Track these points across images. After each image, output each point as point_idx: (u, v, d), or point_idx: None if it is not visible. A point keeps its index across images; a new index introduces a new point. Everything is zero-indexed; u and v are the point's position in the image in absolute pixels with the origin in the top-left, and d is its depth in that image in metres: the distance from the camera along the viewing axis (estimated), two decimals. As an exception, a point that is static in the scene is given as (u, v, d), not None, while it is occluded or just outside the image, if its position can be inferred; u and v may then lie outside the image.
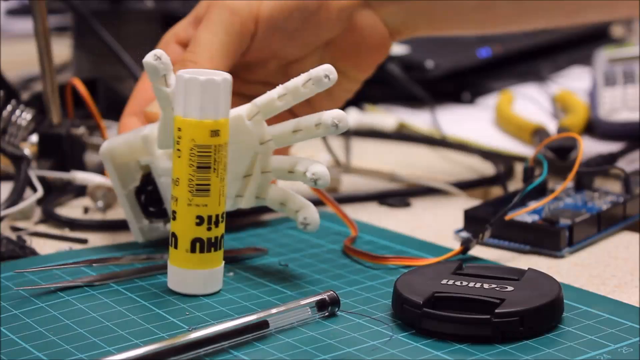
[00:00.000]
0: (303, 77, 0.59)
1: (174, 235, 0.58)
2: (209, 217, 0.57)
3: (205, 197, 0.57)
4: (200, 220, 0.57)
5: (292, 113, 0.67)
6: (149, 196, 0.65)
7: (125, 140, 0.64)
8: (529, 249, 0.66)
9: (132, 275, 0.61)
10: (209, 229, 0.58)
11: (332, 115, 0.59)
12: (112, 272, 0.61)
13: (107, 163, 0.64)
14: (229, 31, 0.67)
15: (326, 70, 0.58)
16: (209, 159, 0.57)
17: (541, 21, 0.80)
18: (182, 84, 0.56)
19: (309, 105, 0.69)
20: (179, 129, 0.57)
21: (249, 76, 0.72)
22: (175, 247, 0.58)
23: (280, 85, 0.59)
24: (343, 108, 0.70)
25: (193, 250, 0.58)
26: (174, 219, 0.58)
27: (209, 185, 0.57)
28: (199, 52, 0.66)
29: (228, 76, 0.57)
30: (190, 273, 0.58)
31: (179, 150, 0.57)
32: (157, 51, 0.57)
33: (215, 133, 0.56)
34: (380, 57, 0.76)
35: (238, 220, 0.73)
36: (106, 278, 0.60)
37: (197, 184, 0.57)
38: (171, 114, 0.58)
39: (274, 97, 0.59)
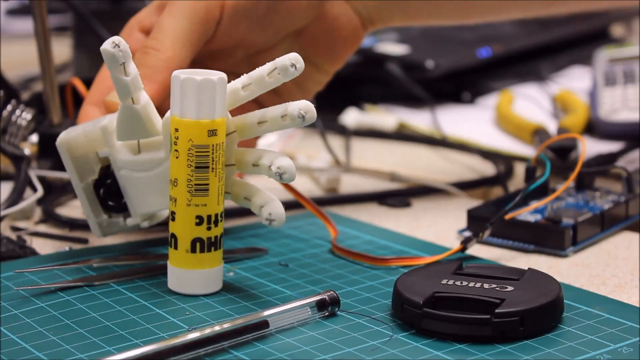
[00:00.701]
0: (268, 66, 0.57)
1: (173, 236, 0.58)
2: (209, 217, 0.57)
3: (204, 197, 0.57)
4: (199, 220, 0.57)
5: (259, 104, 0.65)
6: (107, 190, 0.63)
7: (84, 130, 0.62)
8: (533, 248, 0.66)
9: (132, 275, 0.61)
10: (209, 228, 0.57)
11: (299, 106, 0.56)
12: (112, 272, 0.61)
13: (64, 154, 0.62)
14: (193, 18, 0.65)
15: (292, 59, 0.56)
16: (207, 159, 0.56)
17: (519, 11, 0.78)
18: (178, 84, 0.56)
19: (278, 97, 0.68)
20: (176, 130, 0.56)
21: (214, 65, 0.69)
22: (175, 247, 0.58)
23: (245, 75, 0.58)
24: (315, 100, 0.69)
25: (193, 250, 0.58)
26: (173, 219, 0.58)
27: (207, 185, 0.57)
28: (160, 39, 0.64)
29: (224, 75, 0.57)
30: (191, 273, 0.58)
31: (176, 151, 0.57)
32: (115, 38, 0.55)
33: (212, 132, 0.56)
34: (352, 48, 0.74)
35: (238, 220, 0.74)
36: (106, 278, 0.60)
37: (196, 184, 0.57)
38: (130, 104, 0.57)
39: (238, 87, 0.58)
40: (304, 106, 0.56)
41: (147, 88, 0.60)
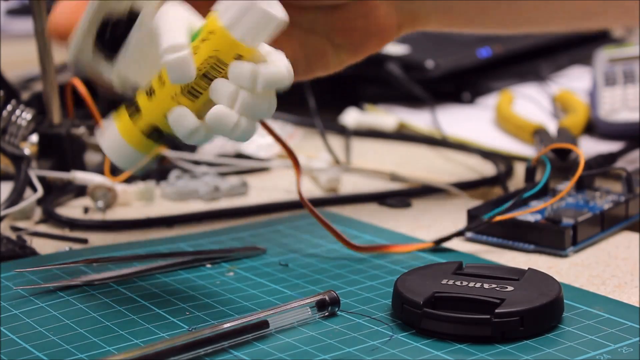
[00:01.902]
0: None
1: (138, 109, 0.55)
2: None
3: (188, 101, 0.55)
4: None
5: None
6: (113, 29, 0.59)
7: None
8: (533, 248, 0.66)
9: (132, 275, 0.61)
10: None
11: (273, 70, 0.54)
12: (112, 272, 0.61)
13: None
14: None
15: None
16: (216, 75, 0.54)
17: (562, 21, 0.75)
18: (248, 4, 0.53)
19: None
20: (211, 32, 0.54)
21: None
22: (132, 118, 0.56)
23: None
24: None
25: (149, 136, 0.56)
26: (149, 95, 0.55)
27: (200, 94, 0.55)
28: None
29: (287, 20, 0.54)
30: (128, 149, 0.56)
31: (196, 47, 0.54)
32: None
33: (238, 57, 0.54)
34: (377, 45, 0.70)
35: (238, 220, 0.74)
36: (106, 278, 0.60)
37: (191, 87, 0.54)
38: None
39: None
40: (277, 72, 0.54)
41: None
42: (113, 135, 0.56)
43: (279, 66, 0.54)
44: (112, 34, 0.59)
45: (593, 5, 0.72)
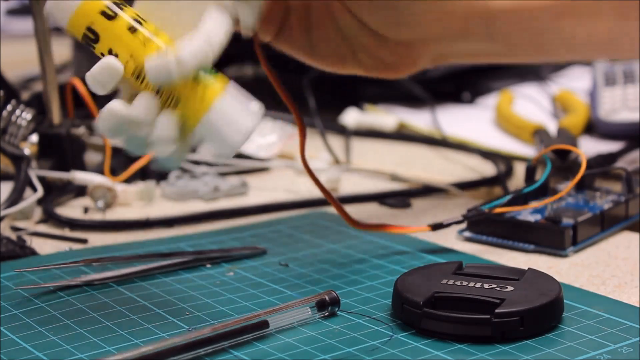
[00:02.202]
0: None
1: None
2: None
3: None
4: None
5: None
6: None
7: None
8: (533, 248, 0.66)
9: (132, 275, 0.61)
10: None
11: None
12: (112, 272, 0.61)
13: None
14: None
15: None
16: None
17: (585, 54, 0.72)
18: None
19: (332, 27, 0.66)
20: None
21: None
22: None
23: None
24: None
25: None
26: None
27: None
28: None
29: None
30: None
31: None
32: None
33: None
34: (404, 73, 0.69)
35: (238, 220, 0.74)
36: (106, 278, 0.60)
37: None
38: None
39: None
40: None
41: None
42: None
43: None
44: None
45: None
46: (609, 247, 0.68)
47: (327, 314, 0.55)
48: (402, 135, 0.99)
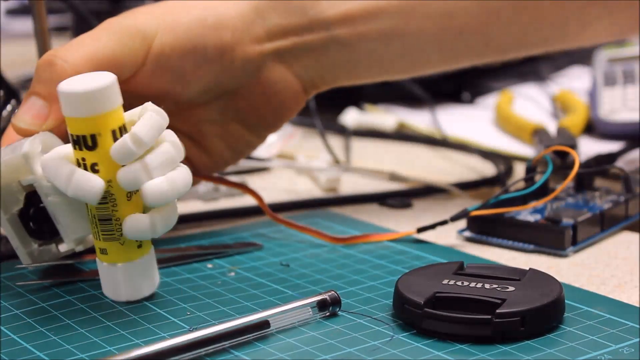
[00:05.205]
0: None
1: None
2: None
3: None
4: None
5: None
6: (36, 216, 0.58)
7: (4, 161, 0.56)
8: (533, 248, 0.66)
9: (133, 275, 0.61)
10: None
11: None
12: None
13: None
14: (116, 44, 0.62)
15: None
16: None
17: (469, 60, 0.75)
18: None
19: (206, 155, 0.69)
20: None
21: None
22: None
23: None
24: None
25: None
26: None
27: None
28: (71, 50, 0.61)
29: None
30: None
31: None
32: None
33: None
34: (291, 113, 0.70)
35: (238, 220, 0.74)
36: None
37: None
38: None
39: None
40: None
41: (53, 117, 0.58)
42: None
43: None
44: (37, 221, 0.58)
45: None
46: (609, 247, 0.68)
47: (328, 314, 0.55)
48: (402, 135, 0.99)
